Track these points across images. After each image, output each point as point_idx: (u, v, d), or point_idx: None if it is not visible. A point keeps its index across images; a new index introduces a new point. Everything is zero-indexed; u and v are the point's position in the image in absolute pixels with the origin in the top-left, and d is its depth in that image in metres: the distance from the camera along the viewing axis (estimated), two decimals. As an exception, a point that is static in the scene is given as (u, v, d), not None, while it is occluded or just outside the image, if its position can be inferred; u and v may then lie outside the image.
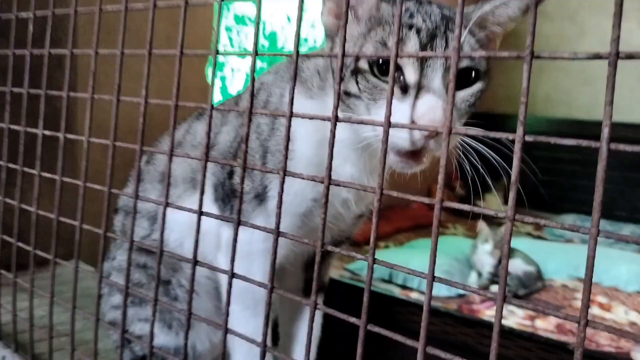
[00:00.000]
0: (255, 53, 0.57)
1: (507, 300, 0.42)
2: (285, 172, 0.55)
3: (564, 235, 3.70)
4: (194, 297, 0.81)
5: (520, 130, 0.40)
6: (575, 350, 0.37)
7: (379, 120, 0.50)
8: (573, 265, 2.91)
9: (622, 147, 0.37)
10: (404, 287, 2.64)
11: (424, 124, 0.67)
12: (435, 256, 0.43)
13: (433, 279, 0.44)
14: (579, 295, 2.63)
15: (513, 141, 0.41)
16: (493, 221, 3.88)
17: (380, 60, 0.72)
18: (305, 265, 1.09)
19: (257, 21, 0.58)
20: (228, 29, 3.08)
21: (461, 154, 0.78)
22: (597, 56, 0.37)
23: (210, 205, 0.97)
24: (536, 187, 4.77)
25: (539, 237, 3.75)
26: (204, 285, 1.06)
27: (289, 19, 3.39)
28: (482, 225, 2.96)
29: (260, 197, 0.91)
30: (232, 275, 0.60)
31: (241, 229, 0.60)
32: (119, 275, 1.09)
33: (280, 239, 0.58)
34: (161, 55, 0.67)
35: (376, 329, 0.47)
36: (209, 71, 3.04)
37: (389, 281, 2.68)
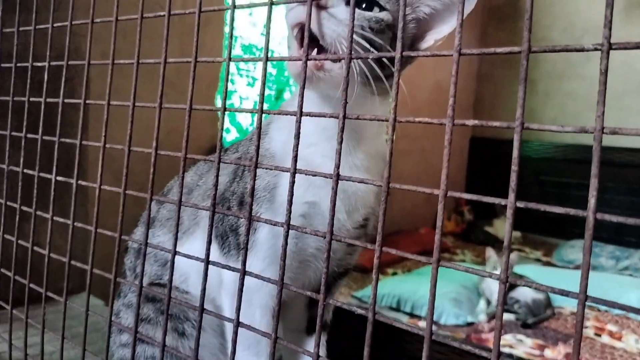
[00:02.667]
0: (267, 58, 0.59)
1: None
2: (289, 225, 0.57)
3: (574, 261, 3.68)
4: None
5: (511, 196, 0.42)
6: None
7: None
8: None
9: (607, 217, 0.39)
10: (412, 315, 2.63)
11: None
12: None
13: (431, 336, 0.46)
14: (589, 324, 2.62)
15: (526, 163, 0.43)
16: (501, 247, 3.87)
17: None
18: (308, 303, 1.10)
19: (268, 30, 0.60)
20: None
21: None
22: (584, 130, 0.39)
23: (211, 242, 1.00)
24: (544, 212, 4.75)
25: (548, 264, 3.73)
26: (209, 320, 1.07)
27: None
28: (490, 252, 2.96)
29: (254, 226, 0.94)
30: (238, 324, 0.62)
31: (237, 263, 0.63)
32: (127, 311, 1.11)
33: (278, 275, 0.59)
34: (170, 108, 0.70)
35: (376, 384, 0.48)
36: (218, 100, 3.09)
37: (397, 309, 2.68)
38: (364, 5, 0.81)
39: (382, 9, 0.82)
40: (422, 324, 2.51)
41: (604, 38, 0.39)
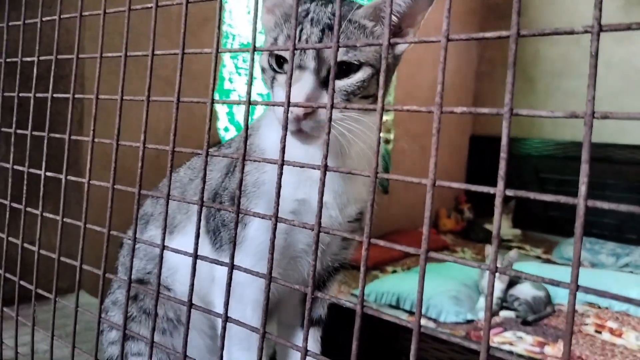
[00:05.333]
0: (254, 48, 0.58)
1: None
2: (277, 219, 0.56)
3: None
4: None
5: (500, 185, 0.41)
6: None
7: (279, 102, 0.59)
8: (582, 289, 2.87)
9: (598, 204, 0.37)
10: (411, 312, 2.62)
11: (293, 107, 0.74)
12: (420, 310, 0.44)
13: (420, 329, 0.45)
14: (589, 321, 2.60)
15: (528, 159, 0.42)
16: (501, 244, 3.86)
17: (274, 55, 0.86)
18: (302, 298, 1.10)
19: (255, 21, 0.59)
20: (234, 57, 3.12)
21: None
22: (574, 115, 0.38)
23: (202, 236, 1.01)
24: (544, 209, 4.75)
25: (548, 261, 3.72)
26: (195, 320, 1.05)
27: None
28: (489, 249, 2.95)
29: (243, 221, 0.94)
30: (227, 319, 0.61)
31: (229, 256, 0.62)
32: (114, 308, 1.11)
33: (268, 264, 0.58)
34: (158, 100, 0.68)
35: (365, 378, 0.47)
36: (216, 98, 3.08)
37: (397, 307, 2.67)
38: (342, 77, 0.84)
39: (358, 67, 0.84)
40: (422, 321, 2.50)
41: (594, 19, 0.38)
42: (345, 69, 0.83)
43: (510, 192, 0.41)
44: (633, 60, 4.14)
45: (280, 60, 0.87)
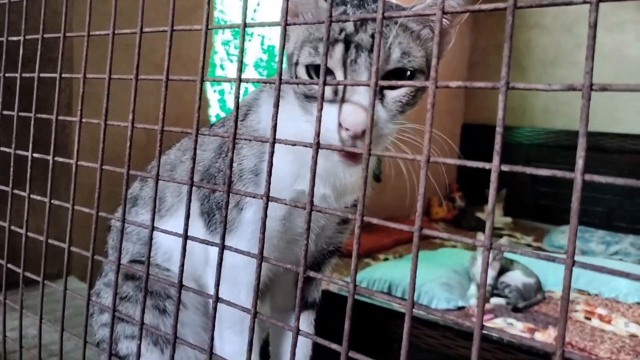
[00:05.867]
0: (244, 24, 0.57)
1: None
2: (268, 198, 0.55)
3: (564, 247, 3.69)
4: (182, 310, 0.80)
5: (496, 159, 0.40)
6: (551, 382, 0.36)
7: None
8: (573, 276, 2.87)
9: (595, 178, 0.37)
10: (402, 299, 2.63)
11: (349, 126, 0.69)
12: (414, 282, 0.43)
13: (413, 306, 0.44)
14: (579, 307, 2.62)
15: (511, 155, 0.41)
16: (493, 232, 3.88)
17: (313, 64, 0.76)
18: (296, 280, 1.09)
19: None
20: (225, 43, 3.10)
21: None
22: (572, 88, 0.38)
23: (197, 219, 0.99)
24: (535, 198, 4.76)
25: (539, 249, 3.74)
26: (192, 298, 1.06)
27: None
28: (481, 237, 2.96)
29: (239, 206, 0.92)
30: (217, 299, 0.60)
31: (225, 241, 0.61)
32: (107, 290, 1.10)
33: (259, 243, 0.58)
34: (147, 79, 0.67)
35: (357, 356, 0.47)
36: (208, 85, 3.05)
37: (388, 294, 2.67)
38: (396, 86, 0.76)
39: (412, 74, 0.76)
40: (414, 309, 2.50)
41: (593, -10, 0.37)
42: (397, 78, 0.76)
43: (505, 167, 0.41)
44: (625, 49, 4.15)
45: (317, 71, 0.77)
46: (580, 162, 0.37)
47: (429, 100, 0.44)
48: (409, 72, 0.76)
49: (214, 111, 3.09)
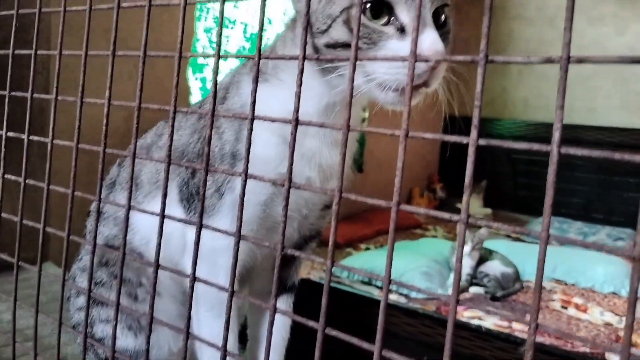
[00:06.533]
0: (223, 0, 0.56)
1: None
2: (247, 175, 0.55)
3: (543, 237, 3.74)
4: (156, 299, 0.79)
5: (474, 133, 0.40)
6: (526, 352, 0.37)
7: (400, 56, 0.63)
8: (550, 266, 2.94)
9: (572, 151, 0.37)
10: (382, 288, 2.64)
11: (433, 54, 0.71)
12: (391, 258, 0.43)
13: (389, 281, 0.44)
14: (556, 297, 2.66)
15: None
16: (472, 225, 3.91)
17: (369, 5, 0.74)
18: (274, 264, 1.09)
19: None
20: (207, 31, 3.07)
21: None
22: (550, 60, 0.38)
23: (175, 206, 0.97)
24: (515, 189, 4.82)
25: (518, 239, 3.78)
26: (167, 287, 1.05)
27: (270, 21, 3.39)
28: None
29: (220, 191, 0.91)
30: (194, 279, 0.59)
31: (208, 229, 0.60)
32: (83, 275, 1.08)
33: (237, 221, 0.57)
34: (125, 55, 0.66)
35: (334, 333, 0.47)
36: (189, 73, 3.02)
37: (369, 283, 2.69)
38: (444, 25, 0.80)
39: (446, 19, 0.81)
40: (393, 297, 2.53)
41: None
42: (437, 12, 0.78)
43: (483, 142, 0.41)
44: (605, 42, 4.20)
45: (378, 10, 0.75)
46: (556, 135, 0.37)
47: (408, 73, 0.44)
48: (446, 7, 0.81)
49: (195, 99, 3.06)
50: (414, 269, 2.67)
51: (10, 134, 0.83)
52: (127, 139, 0.75)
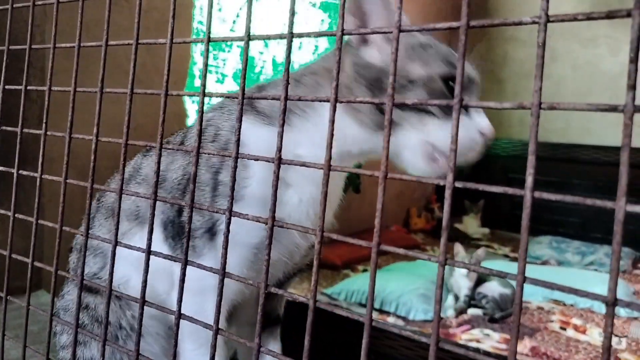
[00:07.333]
0: (208, 39, 0.57)
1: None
2: (231, 213, 0.55)
3: (541, 257, 3.73)
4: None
5: (450, 176, 0.41)
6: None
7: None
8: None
9: (545, 195, 0.37)
10: (380, 311, 2.63)
11: (491, 133, 0.84)
12: (373, 294, 0.43)
13: (372, 317, 0.44)
14: (555, 318, 2.65)
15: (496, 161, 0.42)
16: (469, 243, 3.91)
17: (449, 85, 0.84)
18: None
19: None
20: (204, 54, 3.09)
21: None
22: (522, 106, 0.38)
23: (160, 245, 0.95)
24: (512, 209, 4.82)
25: (516, 259, 3.77)
26: (149, 327, 1.02)
27: (266, 44, 3.42)
28: (458, 247, 2.98)
29: (212, 232, 0.89)
30: (179, 316, 0.59)
31: (193, 267, 0.60)
32: (65, 315, 1.06)
33: (233, 284, 0.57)
34: (112, 92, 0.67)
35: (317, 374, 0.47)
36: (186, 97, 3.04)
37: (366, 305, 2.67)
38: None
39: None
40: (391, 319, 2.51)
41: (541, 10, 0.38)
42: None
43: (459, 184, 0.41)
44: (599, 63, 4.23)
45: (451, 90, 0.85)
46: (529, 180, 0.38)
47: (386, 117, 0.44)
48: None
49: (192, 122, 3.07)
50: (412, 291, 2.66)
51: (0, 168, 0.83)
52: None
